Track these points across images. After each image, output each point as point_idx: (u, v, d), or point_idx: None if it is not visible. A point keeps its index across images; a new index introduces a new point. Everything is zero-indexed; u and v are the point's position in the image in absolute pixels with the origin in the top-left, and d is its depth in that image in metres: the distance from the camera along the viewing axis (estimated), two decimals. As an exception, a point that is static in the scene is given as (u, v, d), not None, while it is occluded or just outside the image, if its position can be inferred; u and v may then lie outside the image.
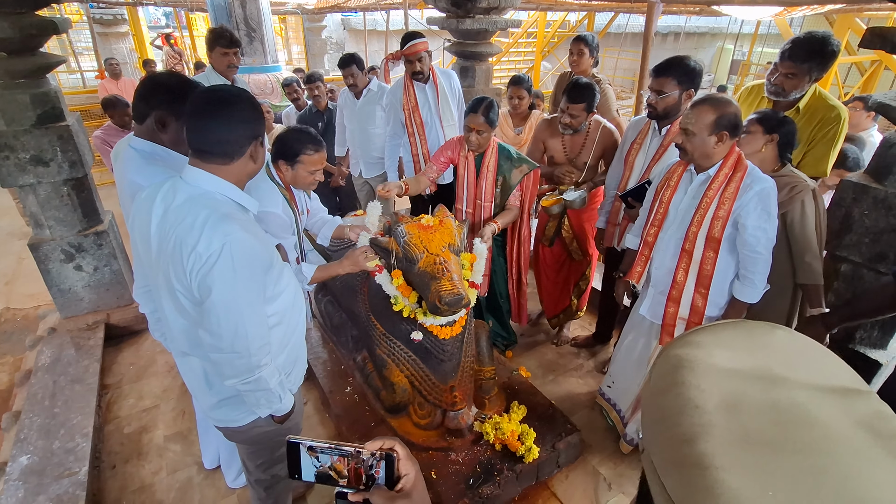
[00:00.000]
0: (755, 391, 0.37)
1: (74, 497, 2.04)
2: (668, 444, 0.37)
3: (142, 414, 2.67)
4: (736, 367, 0.39)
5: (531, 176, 2.61)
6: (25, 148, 2.66)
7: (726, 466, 0.33)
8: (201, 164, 1.25)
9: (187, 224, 1.17)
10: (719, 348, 0.41)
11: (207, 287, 1.18)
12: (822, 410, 0.36)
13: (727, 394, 0.37)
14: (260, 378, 1.30)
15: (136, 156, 1.63)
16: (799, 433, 0.35)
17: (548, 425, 2.35)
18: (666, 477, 0.36)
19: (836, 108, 2.06)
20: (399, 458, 0.66)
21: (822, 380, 0.39)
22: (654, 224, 2.05)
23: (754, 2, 5.30)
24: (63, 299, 3.09)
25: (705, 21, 14.73)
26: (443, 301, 1.83)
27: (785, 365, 0.40)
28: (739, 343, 0.42)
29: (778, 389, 0.38)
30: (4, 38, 2.39)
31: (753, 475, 0.32)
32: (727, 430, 0.35)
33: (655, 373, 0.42)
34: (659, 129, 2.34)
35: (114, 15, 10.00)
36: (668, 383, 0.39)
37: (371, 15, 13.11)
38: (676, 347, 0.42)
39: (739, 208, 1.79)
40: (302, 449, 0.67)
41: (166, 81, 1.69)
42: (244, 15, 4.39)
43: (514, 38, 12.15)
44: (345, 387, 2.60)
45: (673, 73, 2.15)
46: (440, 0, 3.56)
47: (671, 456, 0.36)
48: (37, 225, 2.92)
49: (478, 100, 2.42)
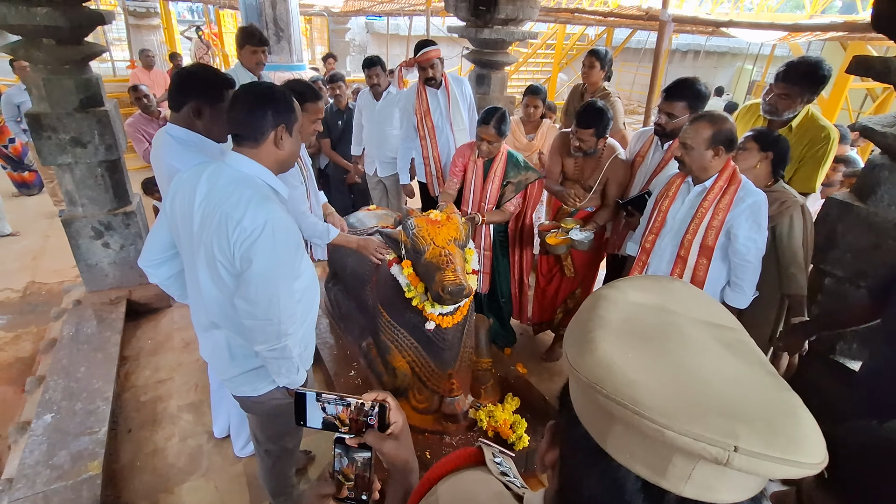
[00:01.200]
0: (649, 315, 0.50)
1: (94, 453, 2.20)
2: (574, 330, 0.51)
3: (157, 385, 2.83)
4: (640, 301, 0.52)
5: (535, 183, 2.74)
6: (67, 129, 2.86)
7: (607, 340, 0.46)
8: (239, 149, 1.42)
9: (233, 201, 1.32)
10: (632, 289, 0.54)
11: (249, 259, 1.32)
12: (693, 330, 0.48)
13: (628, 314, 0.50)
14: (286, 346, 1.44)
15: (172, 142, 1.79)
16: (668, 335, 0.47)
17: (540, 418, 2.46)
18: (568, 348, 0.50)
19: (826, 129, 2.17)
20: (390, 408, 0.77)
21: (703, 315, 0.50)
22: (652, 231, 2.16)
23: (759, 26, 5.43)
24: (89, 274, 3.27)
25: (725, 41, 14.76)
26: (445, 290, 1.97)
27: (679, 303, 0.51)
28: (648, 286, 0.54)
29: (666, 316, 0.49)
30: (56, 26, 2.59)
31: (622, 347, 0.46)
32: (616, 328, 0.48)
33: (582, 305, 0.55)
34: (661, 144, 2.46)
35: (147, 8, 10.35)
36: (587, 307, 0.53)
37: (394, 20, 13.36)
38: (603, 289, 0.55)
39: (732, 219, 1.91)
40: (309, 398, 0.76)
41: (201, 73, 1.84)
42: (273, 15, 4.60)
43: (533, 48, 12.31)
44: (349, 370, 2.74)
45: (685, 98, 2.25)
46: (461, 9, 3.72)
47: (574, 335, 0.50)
48: (71, 202, 3.11)
49: (490, 111, 2.53)
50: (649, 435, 0.40)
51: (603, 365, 0.44)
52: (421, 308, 2.19)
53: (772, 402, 0.42)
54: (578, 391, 0.49)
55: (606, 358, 0.45)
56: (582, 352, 0.47)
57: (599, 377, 0.44)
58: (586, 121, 2.44)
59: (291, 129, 1.46)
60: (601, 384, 0.43)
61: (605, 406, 0.43)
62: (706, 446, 0.38)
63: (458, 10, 3.75)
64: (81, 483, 2.05)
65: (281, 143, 1.43)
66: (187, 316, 3.40)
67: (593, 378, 0.44)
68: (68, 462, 2.14)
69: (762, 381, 0.44)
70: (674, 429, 0.39)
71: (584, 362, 0.46)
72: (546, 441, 0.57)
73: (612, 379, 0.43)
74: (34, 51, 2.69)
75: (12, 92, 4.97)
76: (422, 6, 7.96)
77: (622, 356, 0.45)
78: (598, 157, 2.60)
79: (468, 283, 2.04)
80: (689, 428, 0.39)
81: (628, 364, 0.44)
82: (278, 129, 1.41)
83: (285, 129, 1.43)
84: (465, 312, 2.29)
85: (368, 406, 0.75)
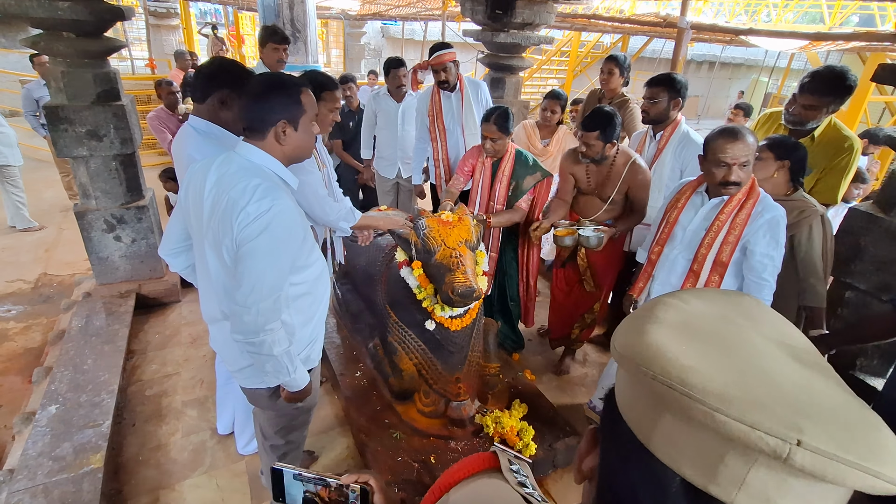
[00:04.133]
0: (712, 322, 0.45)
1: (97, 447, 2.18)
2: (626, 327, 0.47)
3: (163, 379, 2.82)
4: (704, 310, 0.47)
5: (544, 183, 2.71)
6: (83, 122, 2.88)
7: (660, 332, 0.42)
8: (248, 140, 1.41)
9: (241, 187, 1.31)
10: (696, 298, 0.49)
11: (247, 242, 1.31)
12: (760, 340, 0.42)
13: (687, 318, 0.45)
14: (263, 342, 1.37)
15: (193, 133, 1.80)
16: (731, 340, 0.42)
17: (547, 426, 2.42)
18: (618, 341, 0.46)
19: (849, 139, 2.12)
20: (373, 490, 0.73)
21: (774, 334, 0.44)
22: (659, 242, 2.10)
23: (780, 34, 5.36)
24: (100, 266, 3.29)
25: (741, 52, 14.68)
26: (455, 292, 1.94)
27: (747, 318, 0.46)
28: (714, 298, 0.49)
29: (731, 326, 0.44)
30: (79, 20, 2.61)
31: (677, 340, 0.41)
32: (674, 326, 0.43)
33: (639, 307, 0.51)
34: (654, 134, 2.60)
35: (167, 8, 10.53)
36: (643, 309, 0.48)
37: (409, 25, 13.45)
38: (662, 295, 0.50)
39: (749, 234, 1.84)
40: (286, 475, 0.73)
41: (227, 64, 1.86)
42: (291, 16, 4.63)
43: (548, 55, 12.31)
44: (355, 371, 2.72)
45: (662, 85, 2.54)
46: (478, 13, 3.71)
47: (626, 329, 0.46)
48: (84, 195, 3.13)
49: (491, 109, 2.55)
50: (700, 421, 0.36)
51: (654, 348, 0.41)
52: (431, 310, 2.16)
53: (850, 412, 0.37)
54: (625, 381, 0.45)
55: (658, 342, 0.41)
56: (632, 339, 0.43)
57: (648, 359, 0.40)
58: (592, 124, 2.38)
59: (298, 124, 1.42)
60: (649, 365, 0.40)
61: (652, 392, 0.39)
62: (763, 436, 0.34)
63: (475, 13, 3.75)
64: (83, 476, 2.04)
65: (284, 139, 1.40)
66: (196, 311, 3.43)
67: (641, 360, 0.41)
68: (71, 454, 2.13)
69: (840, 395, 0.39)
70: (728, 413, 0.35)
71: (632, 346, 0.42)
72: (585, 445, 0.52)
73: (662, 361, 0.39)
74: (55, 43, 2.71)
75: (32, 87, 5.06)
76: (438, 10, 8.00)
77: (677, 345, 0.41)
78: (611, 166, 2.51)
79: (478, 286, 2.01)
80: (746, 415, 0.34)
81: (682, 351, 0.40)
82: (278, 125, 1.38)
83: (288, 123, 1.39)
84: (474, 315, 2.26)
85: (346, 488, 0.72)
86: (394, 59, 3.68)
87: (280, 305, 1.40)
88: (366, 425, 2.37)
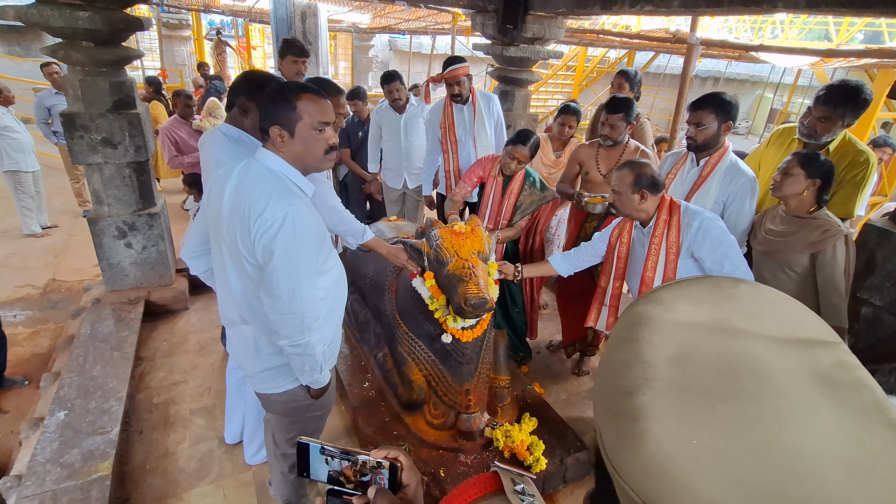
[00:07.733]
0: (709, 343, 0.37)
1: (105, 453, 2.17)
2: (610, 394, 0.38)
3: (171, 387, 2.81)
4: (695, 320, 0.39)
5: (549, 205, 2.80)
6: (98, 130, 2.91)
7: (658, 417, 0.34)
8: (265, 146, 1.44)
9: (257, 194, 1.33)
10: (682, 302, 0.41)
11: (270, 251, 1.32)
12: (775, 361, 0.35)
13: (679, 347, 0.37)
14: (308, 343, 1.42)
15: (223, 138, 1.87)
16: (741, 383, 0.34)
17: (557, 440, 2.39)
18: (602, 426, 0.38)
19: (864, 153, 2.12)
20: (402, 467, 0.70)
21: (784, 331, 0.38)
22: (617, 278, 2.26)
23: (790, 51, 5.38)
24: (111, 273, 3.30)
25: (746, 68, 14.74)
26: (468, 303, 1.93)
27: (747, 317, 0.39)
28: (704, 297, 0.42)
29: (733, 341, 0.37)
30: (96, 29, 2.66)
31: (683, 424, 0.33)
32: (669, 382, 0.35)
33: (615, 328, 0.43)
34: (697, 161, 2.37)
35: (179, 20, 10.72)
36: (622, 339, 0.41)
37: (416, 38, 13.61)
38: (640, 304, 0.43)
39: (690, 245, 1.95)
40: (312, 450, 0.71)
41: (249, 73, 1.96)
42: (303, 29, 4.71)
43: (554, 70, 12.41)
44: (363, 381, 2.70)
45: (710, 107, 2.22)
46: (488, 27, 3.75)
47: (610, 406, 0.37)
48: (97, 201, 3.15)
49: (527, 133, 2.63)
50: None
51: (659, 471, 0.32)
52: (443, 321, 2.15)
53: None
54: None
55: (661, 456, 0.32)
56: (625, 444, 0.34)
57: (655, 495, 0.32)
58: (616, 107, 2.61)
59: (294, 131, 1.38)
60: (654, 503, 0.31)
61: None
62: None
63: (485, 27, 3.79)
64: (91, 483, 2.02)
65: (281, 145, 1.39)
66: (204, 319, 3.43)
67: (646, 495, 0.32)
68: (79, 461, 2.11)
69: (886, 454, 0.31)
70: None
71: (629, 463, 0.33)
72: None
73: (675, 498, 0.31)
74: (73, 52, 2.75)
75: (44, 95, 5.13)
76: (447, 24, 8.09)
77: (684, 447, 0.32)
78: (621, 151, 2.73)
79: (491, 297, 2.00)
80: None
81: (695, 464, 0.31)
82: (272, 130, 1.37)
83: (282, 129, 1.37)
84: (485, 327, 2.25)
85: (375, 463, 0.69)
86: (386, 74, 3.74)
87: (317, 304, 1.45)
88: (374, 436, 2.35)
